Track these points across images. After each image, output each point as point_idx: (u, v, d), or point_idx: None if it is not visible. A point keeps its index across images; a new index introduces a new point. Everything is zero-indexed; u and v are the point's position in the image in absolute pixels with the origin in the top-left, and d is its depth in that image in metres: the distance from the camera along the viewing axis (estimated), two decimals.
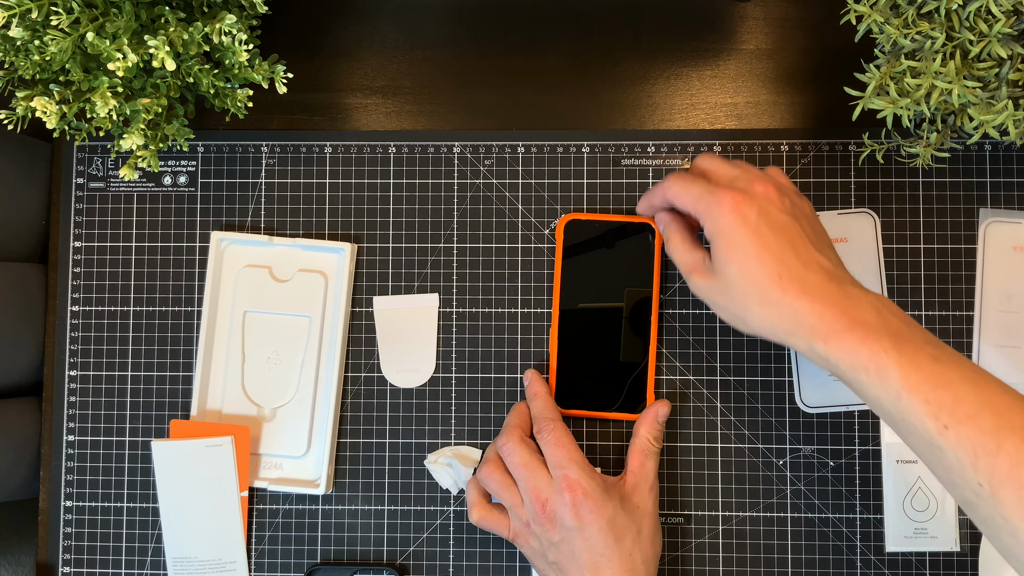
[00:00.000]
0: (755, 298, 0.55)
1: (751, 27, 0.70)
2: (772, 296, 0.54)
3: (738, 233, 0.55)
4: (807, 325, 0.53)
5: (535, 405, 0.64)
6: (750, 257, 0.55)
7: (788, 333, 0.54)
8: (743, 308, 0.56)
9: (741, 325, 0.57)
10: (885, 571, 0.66)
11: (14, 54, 0.58)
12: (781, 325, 0.54)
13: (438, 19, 0.72)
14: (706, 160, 0.60)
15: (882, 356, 0.50)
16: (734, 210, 0.55)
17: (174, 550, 0.68)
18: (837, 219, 0.67)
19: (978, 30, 0.54)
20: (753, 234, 0.55)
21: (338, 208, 0.70)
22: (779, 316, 0.54)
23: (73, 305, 0.70)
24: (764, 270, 0.54)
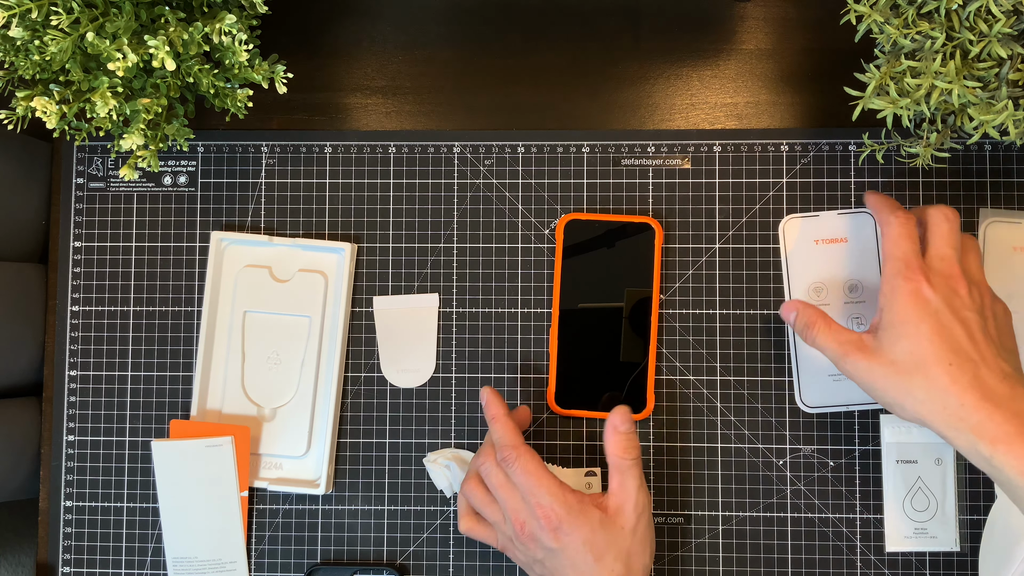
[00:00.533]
0: (921, 383, 0.53)
1: (751, 27, 0.70)
2: (940, 383, 0.53)
3: (915, 313, 0.54)
4: (973, 422, 0.51)
5: (494, 430, 0.61)
6: (923, 338, 0.53)
7: (950, 427, 0.52)
8: (906, 392, 0.54)
9: (899, 411, 0.55)
10: (885, 571, 0.66)
11: (14, 54, 0.58)
12: (944, 417, 0.52)
13: (438, 19, 0.72)
14: (937, 217, 0.58)
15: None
16: (916, 293, 0.55)
17: (174, 550, 0.68)
18: (837, 219, 0.67)
19: (978, 30, 0.54)
20: (931, 317, 0.54)
21: (338, 208, 0.70)
22: (943, 407, 0.52)
23: (73, 305, 0.70)
24: (936, 354, 0.53)
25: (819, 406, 0.66)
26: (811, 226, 0.67)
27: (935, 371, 0.53)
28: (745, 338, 0.68)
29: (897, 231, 0.57)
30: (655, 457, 0.67)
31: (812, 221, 0.67)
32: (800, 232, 0.67)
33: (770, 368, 0.67)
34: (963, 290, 0.56)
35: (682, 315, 0.68)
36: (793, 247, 0.67)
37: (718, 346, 0.68)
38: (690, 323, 0.68)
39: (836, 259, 0.66)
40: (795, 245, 0.67)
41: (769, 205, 0.68)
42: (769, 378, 0.67)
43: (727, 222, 0.68)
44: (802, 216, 0.67)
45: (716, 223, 0.68)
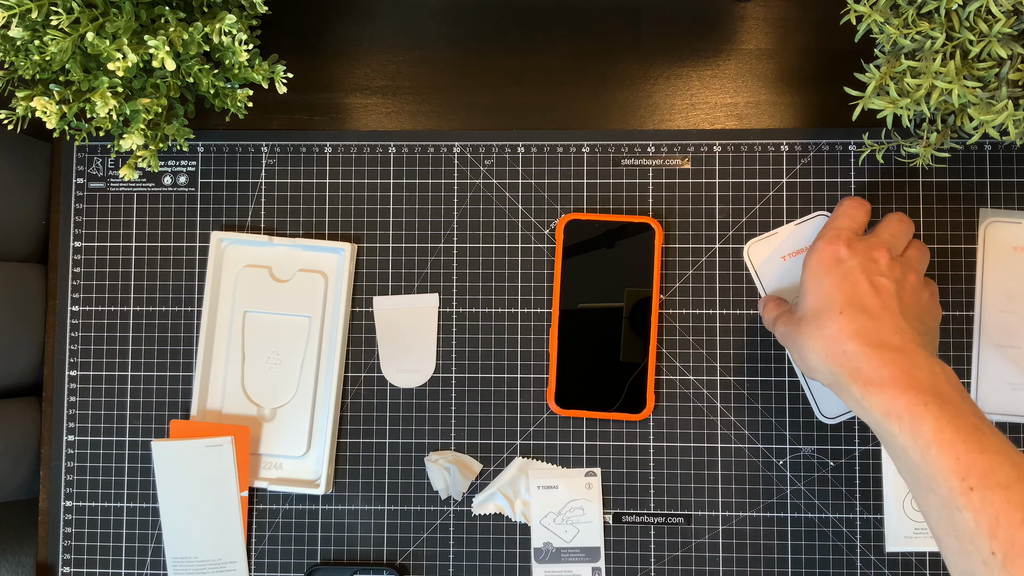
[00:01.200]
0: (813, 331, 0.55)
1: (751, 27, 0.70)
2: (828, 330, 0.54)
3: (822, 270, 0.56)
4: (851, 367, 0.52)
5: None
6: (822, 291, 0.56)
7: (832, 372, 0.54)
8: (802, 345, 0.56)
9: (801, 363, 0.57)
10: (885, 571, 0.66)
11: (14, 54, 0.58)
12: (828, 364, 0.54)
13: (438, 19, 0.72)
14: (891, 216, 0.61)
15: (920, 408, 0.49)
16: (831, 254, 0.57)
17: (174, 550, 0.68)
18: (796, 230, 0.67)
19: (978, 30, 0.54)
20: (836, 273, 0.56)
21: (338, 208, 0.70)
22: (828, 354, 0.54)
23: (73, 305, 0.70)
24: (831, 304, 0.55)
25: (839, 415, 0.66)
26: (774, 244, 0.67)
27: (826, 318, 0.55)
28: (745, 338, 0.68)
29: (842, 209, 0.60)
30: (655, 457, 0.67)
31: (774, 239, 0.67)
32: (765, 252, 0.68)
33: (770, 368, 0.67)
34: (883, 259, 0.57)
35: (682, 315, 0.68)
36: (762, 268, 0.67)
37: (718, 346, 0.68)
38: (690, 323, 0.68)
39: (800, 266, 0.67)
40: (763, 266, 0.67)
41: (769, 205, 0.68)
42: (769, 378, 0.67)
43: (727, 222, 0.68)
44: (762, 238, 0.67)
45: (716, 223, 0.68)
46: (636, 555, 0.67)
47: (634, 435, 0.68)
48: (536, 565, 0.67)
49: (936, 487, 0.48)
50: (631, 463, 0.67)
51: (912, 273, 0.59)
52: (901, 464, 0.51)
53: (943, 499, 0.47)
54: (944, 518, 0.48)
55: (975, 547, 0.46)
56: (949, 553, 0.48)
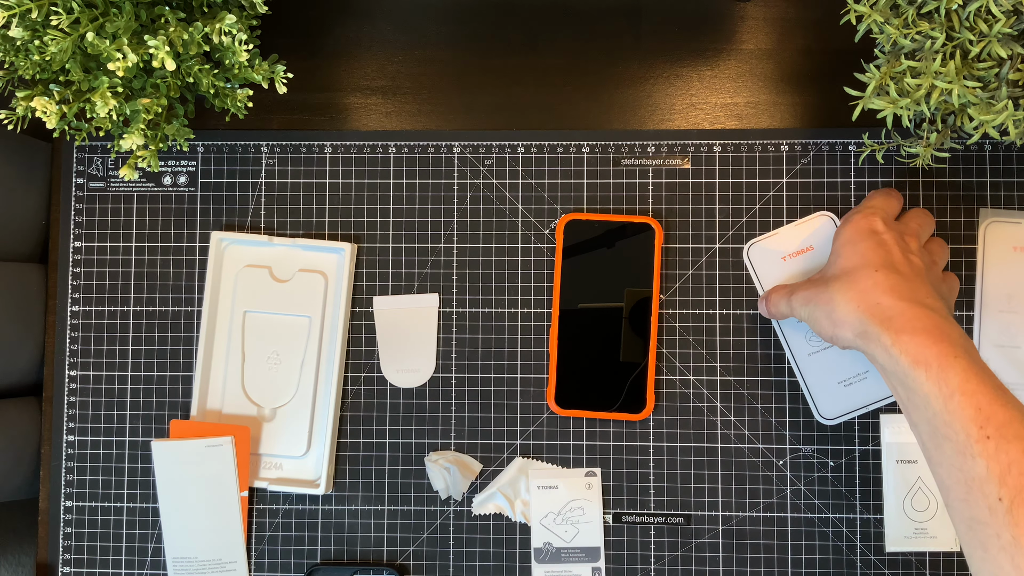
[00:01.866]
0: (847, 283, 0.56)
1: (751, 27, 0.70)
2: (864, 283, 0.55)
3: (858, 235, 0.58)
4: (885, 316, 0.53)
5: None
6: (857, 253, 0.57)
7: (863, 320, 0.54)
8: (832, 295, 0.56)
9: (826, 320, 0.57)
10: (885, 571, 0.66)
11: (14, 54, 0.58)
12: (861, 311, 0.54)
13: (438, 19, 0.72)
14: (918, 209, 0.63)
15: (950, 359, 0.50)
16: (867, 224, 0.58)
17: (174, 550, 0.68)
18: (796, 231, 0.67)
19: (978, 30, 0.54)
20: (873, 239, 0.57)
21: (338, 208, 0.70)
22: (863, 302, 0.54)
23: (73, 305, 0.70)
24: (866, 262, 0.56)
25: (838, 416, 0.66)
26: (774, 245, 0.67)
27: (861, 274, 0.56)
28: (745, 338, 0.68)
29: (876, 193, 0.62)
30: (655, 457, 0.67)
31: (774, 240, 0.67)
32: (765, 253, 0.67)
33: (770, 368, 0.67)
34: (913, 244, 0.59)
35: (682, 315, 0.68)
36: (761, 268, 0.67)
37: (718, 346, 0.68)
38: (690, 323, 0.68)
39: (808, 269, 0.67)
40: (763, 266, 0.67)
41: (769, 205, 0.68)
42: (769, 378, 0.67)
43: (727, 222, 0.68)
44: (762, 238, 0.67)
45: (716, 223, 0.68)
46: (636, 555, 0.67)
47: (634, 435, 0.68)
48: (536, 565, 0.67)
49: (953, 434, 0.49)
50: (631, 463, 0.67)
51: (935, 266, 0.61)
52: (919, 414, 0.51)
53: (958, 446, 0.49)
54: (956, 465, 0.49)
55: (983, 493, 0.47)
56: (954, 501, 0.49)
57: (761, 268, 0.67)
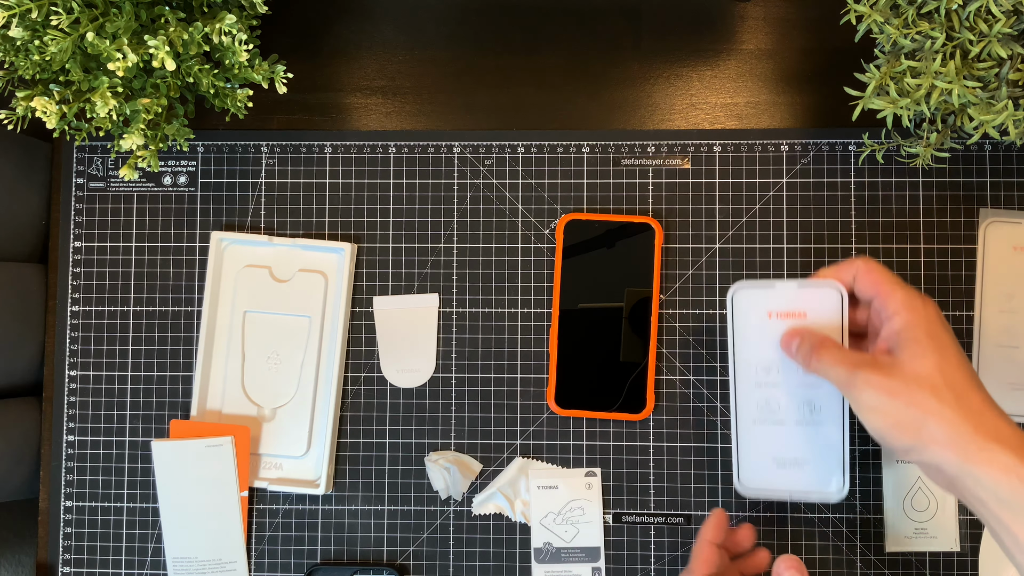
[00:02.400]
0: (949, 398, 0.49)
1: (751, 27, 0.70)
2: (972, 402, 0.49)
3: (937, 327, 0.52)
4: (1002, 437, 0.48)
5: (692, 554, 0.58)
6: (949, 354, 0.51)
7: (968, 442, 0.48)
8: (925, 409, 0.49)
9: (910, 433, 0.50)
10: (885, 571, 0.66)
11: (14, 54, 0.58)
12: (965, 432, 0.48)
13: (438, 19, 0.72)
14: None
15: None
16: (933, 307, 0.53)
17: (174, 550, 0.68)
18: (797, 291, 0.58)
19: (978, 30, 0.54)
20: (948, 335, 0.52)
21: (338, 208, 0.70)
22: (971, 422, 0.49)
23: (73, 305, 0.70)
24: (963, 371, 0.50)
25: (758, 488, 0.60)
26: (764, 297, 0.58)
27: (964, 387, 0.50)
28: None
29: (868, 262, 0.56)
30: (655, 457, 0.67)
31: (766, 292, 0.58)
32: (752, 302, 0.58)
33: None
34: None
35: (682, 315, 0.68)
36: (742, 318, 0.59)
37: (718, 346, 0.68)
38: (690, 323, 0.68)
39: None
40: (744, 316, 0.59)
41: (769, 205, 0.68)
42: None
43: (727, 222, 0.68)
44: (755, 286, 0.59)
45: (716, 223, 0.68)
46: (636, 555, 0.67)
47: (634, 435, 0.68)
48: (536, 565, 0.67)
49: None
50: (631, 463, 0.67)
51: None
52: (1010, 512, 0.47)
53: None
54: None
55: None
56: None
57: (741, 317, 0.59)
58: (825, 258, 0.68)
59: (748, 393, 0.59)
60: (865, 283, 0.55)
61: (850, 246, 0.68)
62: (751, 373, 0.59)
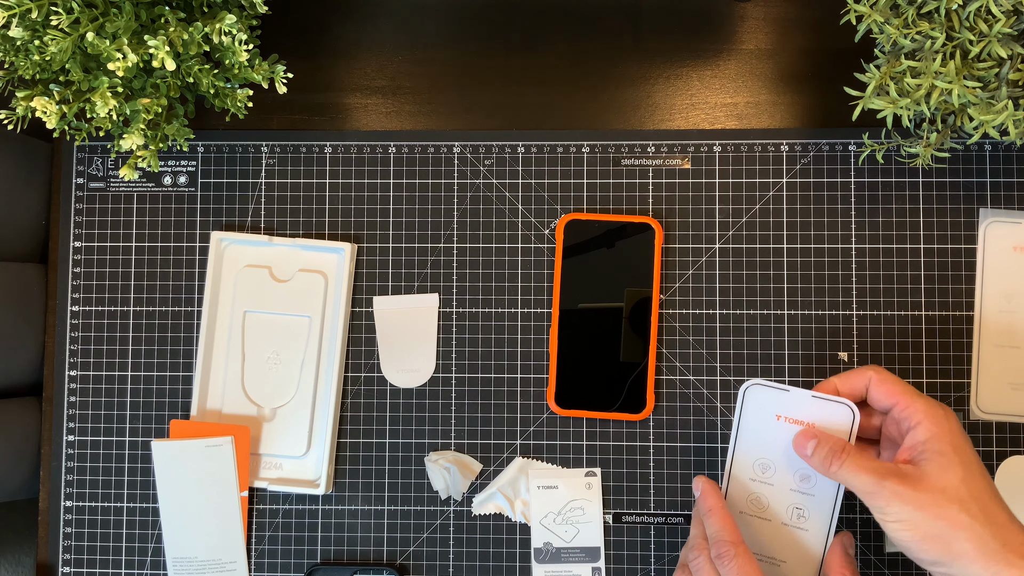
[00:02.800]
0: (977, 512, 0.50)
1: (751, 27, 0.70)
2: (997, 517, 0.50)
3: (966, 445, 0.52)
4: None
5: (711, 524, 0.56)
6: (974, 467, 0.51)
7: (997, 558, 0.49)
8: (954, 524, 0.50)
9: (939, 547, 0.50)
10: (885, 571, 0.66)
11: (14, 54, 0.58)
12: (994, 548, 0.49)
13: (438, 19, 0.72)
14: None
15: None
16: (955, 419, 0.53)
17: (174, 550, 0.68)
18: (810, 401, 0.58)
19: (978, 30, 0.54)
20: (970, 447, 0.52)
21: (338, 208, 0.70)
22: (999, 538, 0.49)
23: (73, 305, 0.70)
24: (986, 484, 0.51)
25: None
26: (777, 399, 0.59)
27: (987, 499, 0.51)
28: (745, 338, 0.68)
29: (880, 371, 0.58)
30: (655, 457, 0.67)
31: (780, 394, 0.59)
32: (763, 401, 0.59)
33: (770, 368, 0.67)
34: None
35: (682, 315, 0.68)
36: (750, 414, 0.59)
37: (718, 346, 0.68)
38: (690, 323, 0.68)
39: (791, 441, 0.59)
40: (753, 413, 0.59)
41: (769, 205, 0.68)
42: (769, 378, 0.67)
43: (727, 222, 0.68)
44: (768, 384, 0.59)
45: (716, 223, 0.68)
46: (636, 555, 0.67)
47: (634, 435, 0.68)
48: (536, 565, 0.67)
49: None
50: (631, 463, 0.67)
51: None
52: None
53: None
54: None
55: None
56: None
57: (749, 413, 0.59)
58: (825, 258, 0.68)
59: (741, 486, 0.60)
60: (881, 393, 0.56)
61: (850, 246, 0.68)
62: (748, 468, 0.60)
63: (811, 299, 0.68)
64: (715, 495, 0.58)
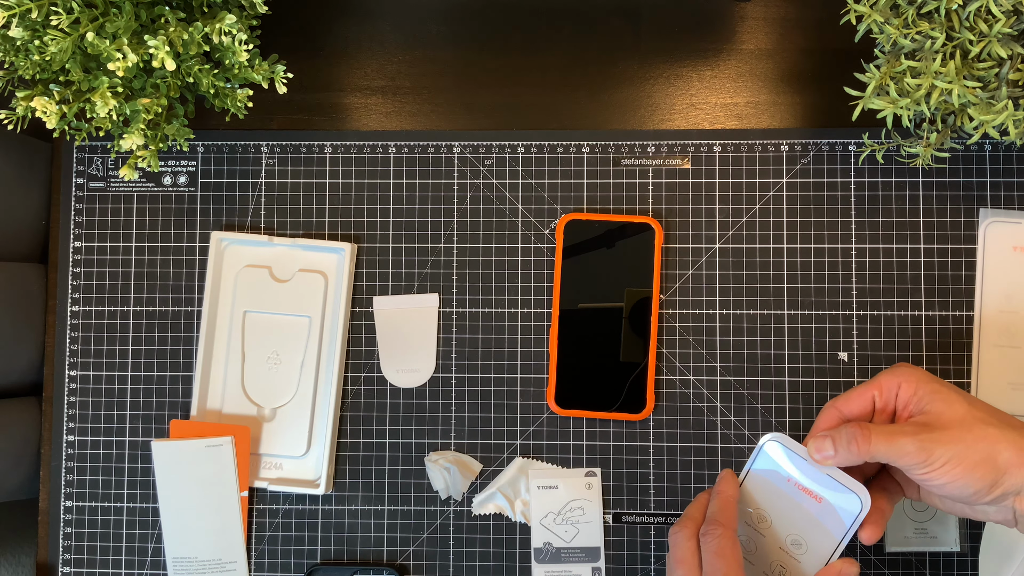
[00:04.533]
0: (996, 421, 0.53)
1: (751, 27, 0.70)
2: (1013, 420, 0.53)
3: (934, 379, 0.55)
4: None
5: (713, 503, 0.57)
6: (964, 393, 0.55)
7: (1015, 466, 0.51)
8: (989, 440, 0.52)
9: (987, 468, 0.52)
10: (885, 571, 0.66)
11: (14, 54, 0.58)
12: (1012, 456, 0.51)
13: (438, 19, 0.72)
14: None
15: None
16: (918, 368, 0.56)
17: (174, 550, 0.68)
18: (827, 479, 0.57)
19: (978, 30, 0.54)
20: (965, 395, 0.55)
21: (338, 208, 0.70)
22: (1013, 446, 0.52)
23: (73, 305, 0.70)
24: (983, 402, 0.54)
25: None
26: (791, 460, 0.58)
27: (1003, 414, 0.54)
28: (745, 338, 0.68)
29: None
30: (655, 457, 0.67)
31: (795, 458, 0.58)
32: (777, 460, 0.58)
33: (770, 368, 0.67)
34: None
35: (682, 315, 0.68)
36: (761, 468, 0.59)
37: (718, 346, 0.68)
38: (690, 323, 0.68)
39: (802, 509, 0.58)
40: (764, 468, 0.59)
41: (769, 205, 0.68)
42: (769, 378, 0.67)
43: (727, 222, 0.68)
44: (792, 443, 0.58)
45: (716, 223, 0.68)
46: (636, 555, 0.67)
47: (634, 435, 0.68)
48: (536, 565, 0.67)
49: None
50: (631, 463, 0.67)
51: None
52: None
53: None
54: None
55: None
56: None
57: (762, 465, 0.59)
58: (825, 258, 0.68)
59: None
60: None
61: (850, 246, 0.68)
62: (746, 511, 0.59)
63: (811, 299, 0.68)
64: (734, 484, 0.58)
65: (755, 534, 0.59)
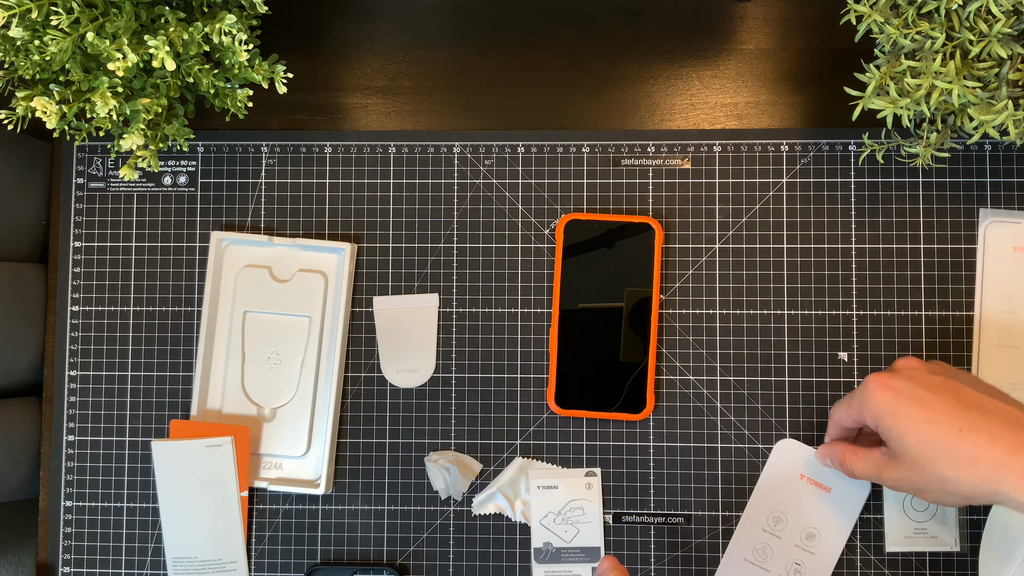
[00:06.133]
0: (946, 462, 0.52)
1: (751, 27, 0.70)
2: (962, 453, 0.51)
3: (896, 405, 0.54)
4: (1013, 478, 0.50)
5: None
6: (919, 422, 0.53)
7: (994, 485, 0.51)
8: (940, 479, 0.52)
9: (948, 498, 0.54)
10: (885, 571, 0.66)
11: (14, 54, 0.58)
12: (984, 480, 0.51)
13: (438, 19, 0.72)
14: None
15: None
16: (882, 387, 0.55)
17: (174, 550, 0.68)
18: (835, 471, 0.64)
19: (978, 30, 0.54)
20: (911, 400, 0.54)
21: (338, 208, 0.70)
22: (977, 472, 0.51)
23: (73, 305, 0.70)
24: (942, 429, 0.52)
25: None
26: (802, 458, 0.65)
27: (950, 445, 0.52)
28: (745, 338, 0.68)
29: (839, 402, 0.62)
30: (655, 457, 0.67)
31: (806, 454, 0.65)
32: (791, 456, 0.65)
33: (769, 368, 0.67)
34: (922, 369, 0.57)
35: (682, 315, 0.68)
36: (774, 470, 0.65)
37: (718, 346, 0.68)
38: (690, 323, 0.68)
39: (813, 501, 0.65)
40: (777, 469, 0.65)
41: (769, 205, 0.68)
42: (769, 378, 0.67)
43: (727, 222, 0.68)
44: (800, 446, 0.65)
45: (716, 223, 0.68)
46: (636, 555, 0.67)
47: (634, 435, 0.68)
48: (536, 565, 0.67)
49: None
50: (631, 463, 0.67)
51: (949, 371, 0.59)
52: None
53: None
54: None
55: None
56: None
57: (776, 467, 0.65)
58: (825, 258, 0.68)
59: (751, 533, 0.65)
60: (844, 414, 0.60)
61: (850, 246, 0.68)
62: (762, 517, 0.65)
63: (811, 299, 0.68)
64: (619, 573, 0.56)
65: (771, 538, 0.63)
